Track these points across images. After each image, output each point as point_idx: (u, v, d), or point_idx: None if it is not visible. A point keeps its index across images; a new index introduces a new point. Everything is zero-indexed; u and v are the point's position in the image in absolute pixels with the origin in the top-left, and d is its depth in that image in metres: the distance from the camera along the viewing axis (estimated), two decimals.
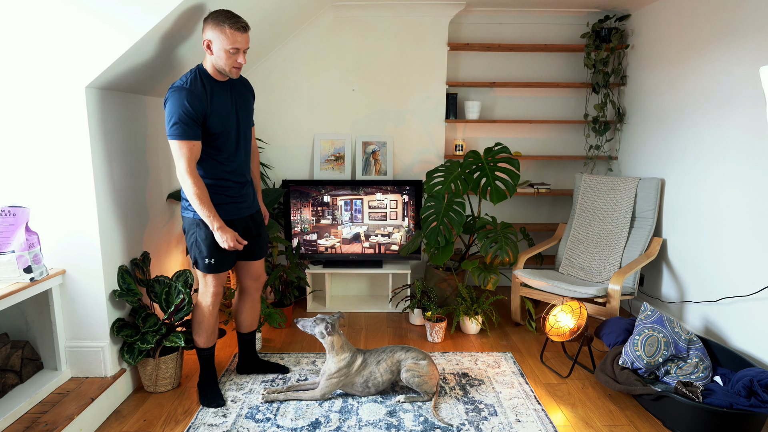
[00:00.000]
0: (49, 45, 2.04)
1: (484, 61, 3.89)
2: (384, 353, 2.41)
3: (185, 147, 2.06)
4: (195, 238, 2.25)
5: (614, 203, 3.34)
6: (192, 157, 2.08)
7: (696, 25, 2.93)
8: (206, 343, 2.41)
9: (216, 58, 2.07)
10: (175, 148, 2.06)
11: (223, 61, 2.07)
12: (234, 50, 2.05)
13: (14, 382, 2.13)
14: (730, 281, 2.68)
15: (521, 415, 2.29)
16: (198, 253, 2.26)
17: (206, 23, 2.04)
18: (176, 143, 2.05)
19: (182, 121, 2.03)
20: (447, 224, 3.23)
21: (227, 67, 2.09)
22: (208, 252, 2.24)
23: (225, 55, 2.06)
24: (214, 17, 2.03)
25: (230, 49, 2.04)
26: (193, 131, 2.06)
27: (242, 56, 2.09)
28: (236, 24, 2.02)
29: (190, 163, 2.08)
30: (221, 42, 2.03)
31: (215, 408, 2.34)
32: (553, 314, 2.77)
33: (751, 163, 2.54)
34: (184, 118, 2.03)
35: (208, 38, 2.05)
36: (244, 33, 2.05)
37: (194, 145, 2.08)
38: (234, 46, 2.04)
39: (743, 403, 2.08)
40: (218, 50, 2.05)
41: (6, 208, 2.03)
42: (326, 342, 2.36)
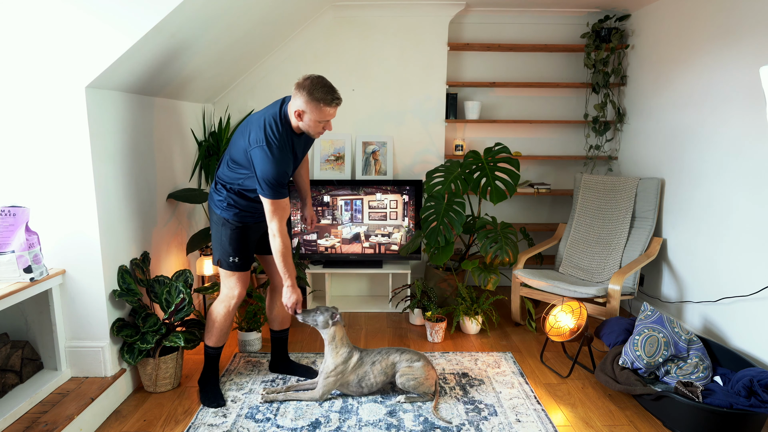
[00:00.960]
0: (49, 45, 2.04)
1: (484, 61, 3.89)
2: (379, 354, 2.40)
3: (278, 206, 2.14)
4: (220, 237, 2.30)
5: (614, 203, 3.34)
6: (284, 216, 2.18)
7: (696, 25, 2.93)
8: (217, 342, 2.43)
9: (304, 125, 2.14)
10: (268, 207, 2.14)
11: (311, 129, 2.15)
12: (325, 122, 2.14)
13: (14, 382, 2.13)
14: (730, 281, 2.68)
15: (521, 415, 2.29)
16: (223, 252, 2.30)
17: (299, 92, 2.07)
18: (269, 203, 2.13)
19: (278, 183, 2.10)
20: (447, 224, 3.23)
21: (313, 134, 2.18)
22: (233, 251, 2.29)
23: (314, 125, 2.13)
24: (310, 91, 2.05)
25: (321, 121, 2.13)
26: (284, 191, 2.16)
27: (329, 125, 2.18)
28: (333, 102, 2.08)
29: (282, 222, 2.17)
30: (314, 116, 2.10)
31: (215, 408, 2.34)
32: (553, 314, 2.77)
33: (751, 162, 2.54)
34: (280, 182, 2.11)
35: (301, 109, 2.09)
36: (336, 107, 2.12)
37: (286, 203, 2.18)
38: (326, 119, 2.13)
39: (743, 403, 2.08)
40: (309, 121, 2.12)
41: (6, 208, 2.03)
42: (328, 333, 2.35)
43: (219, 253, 2.33)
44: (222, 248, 2.31)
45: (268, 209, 2.14)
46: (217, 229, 2.31)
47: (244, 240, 2.32)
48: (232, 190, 2.28)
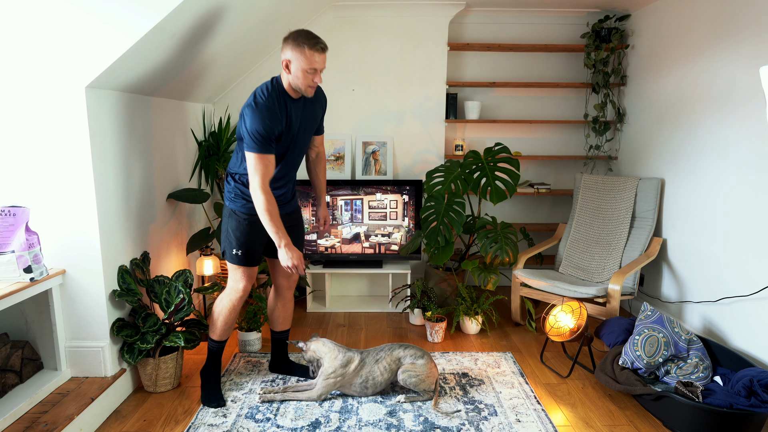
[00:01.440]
0: (49, 45, 2.04)
1: (484, 61, 3.89)
2: (382, 352, 2.41)
3: (261, 162, 2.10)
4: (227, 228, 2.31)
5: (614, 203, 3.34)
6: (267, 173, 2.13)
7: (696, 25, 2.93)
8: (220, 336, 2.41)
9: (293, 77, 2.12)
10: (252, 161, 2.11)
11: (300, 80, 2.11)
12: (311, 71, 2.09)
13: (14, 382, 2.13)
14: (730, 281, 2.68)
15: (521, 415, 2.29)
16: (227, 244, 2.31)
17: (285, 43, 2.10)
18: (252, 156, 2.10)
19: (262, 137, 2.08)
20: (447, 224, 3.23)
21: (303, 87, 2.14)
22: (237, 243, 2.29)
23: (302, 75, 2.10)
24: (294, 38, 2.08)
25: (308, 70, 2.08)
26: (269, 147, 2.12)
27: (318, 76, 2.13)
28: (316, 45, 2.07)
29: (264, 179, 2.12)
30: (300, 62, 2.07)
31: (215, 408, 2.34)
32: (553, 314, 2.77)
33: (751, 163, 2.54)
34: (264, 135, 2.08)
35: (287, 58, 2.09)
36: (322, 53, 2.09)
37: (270, 160, 2.13)
38: (312, 67, 2.08)
39: (743, 403, 2.08)
40: (296, 70, 2.09)
41: (6, 208, 2.03)
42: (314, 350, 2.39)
43: (224, 244, 2.33)
44: (227, 239, 2.31)
45: (251, 164, 2.11)
46: (225, 221, 2.32)
47: (250, 234, 2.29)
48: (240, 181, 2.27)
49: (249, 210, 2.27)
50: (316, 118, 2.37)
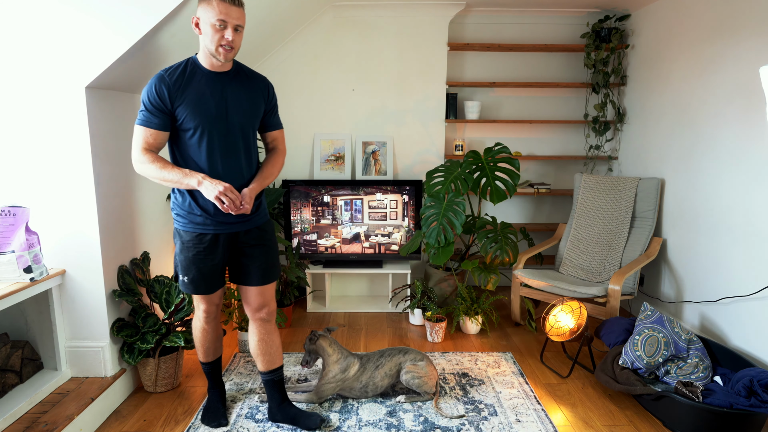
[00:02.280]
0: (49, 45, 2.04)
1: (484, 61, 3.89)
2: (382, 358, 2.40)
3: (141, 134, 1.83)
4: (175, 251, 2.02)
5: (614, 203, 3.34)
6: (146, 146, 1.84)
7: (696, 25, 2.93)
8: (203, 358, 2.22)
9: (203, 37, 1.80)
10: (134, 135, 1.85)
11: (209, 38, 1.77)
12: (220, 23, 1.74)
13: (14, 382, 2.13)
14: (730, 281, 2.68)
15: (521, 415, 2.29)
16: (175, 268, 2.04)
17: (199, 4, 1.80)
18: (135, 129, 1.84)
19: (145, 106, 1.82)
20: (447, 224, 3.23)
21: (214, 46, 1.78)
22: (182, 268, 1.99)
23: (212, 31, 1.76)
24: None
25: (216, 23, 1.74)
26: (155, 119, 1.82)
27: (231, 32, 1.77)
28: None
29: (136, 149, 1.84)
30: (207, 15, 1.75)
31: (216, 427, 2.17)
32: (553, 314, 2.77)
33: (750, 162, 2.54)
34: (147, 104, 1.82)
35: (197, 15, 1.79)
36: (232, 5, 1.75)
37: (151, 133, 1.83)
38: (219, 18, 1.73)
39: (743, 403, 2.08)
40: (204, 26, 1.77)
41: (6, 208, 2.03)
42: (318, 349, 2.36)
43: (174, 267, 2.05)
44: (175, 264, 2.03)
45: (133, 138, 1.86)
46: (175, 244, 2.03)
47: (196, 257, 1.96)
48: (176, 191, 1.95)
49: (192, 227, 1.93)
50: (253, 106, 1.97)
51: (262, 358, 2.14)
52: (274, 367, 2.16)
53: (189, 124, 1.85)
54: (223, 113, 1.89)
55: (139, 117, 1.83)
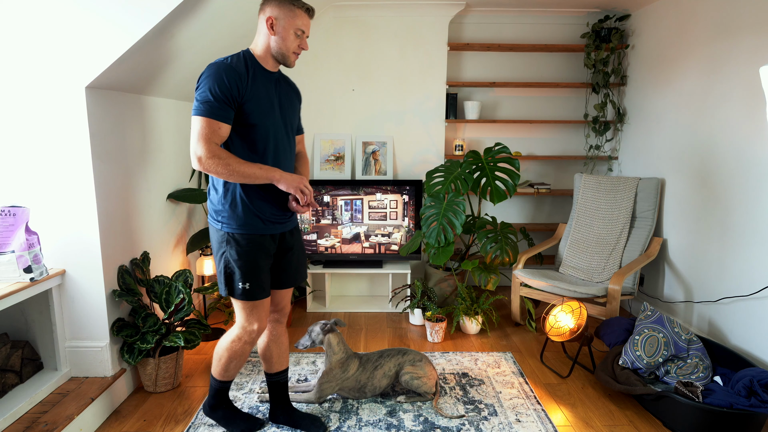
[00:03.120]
0: (49, 45, 2.04)
1: (484, 61, 3.89)
2: (382, 358, 2.40)
3: (208, 126, 1.71)
4: (226, 258, 1.87)
5: (614, 203, 3.34)
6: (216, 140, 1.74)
7: (696, 25, 2.93)
8: (230, 376, 2.06)
9: (279, 38, 1.80)
10: (196, 127, 1.71)
11: (286, 43, 1.81)
12: (301, 32, 1.82)
13: (14, 382, 2.13)
14: (730, 281, 2.68)
15: (521, 415, 2.29)
16: (229, 277, 1.88)
17: (269, 2, 1.80)
18: (199, 121, 1.71)
19: (214, 97, 1.71)
20: (447, 224, 3.23)
21: (289, 51, 1.83)
22: (242, 274, 1.86)
23: (291, 37, 1.81)
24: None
25: (297, 30, 1.81)
26: (223, 111, 1.73)
27: (305, 41, 1.87)
28: (306, 6, 1.82)
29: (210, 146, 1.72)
30: (289, 21, 1.79)
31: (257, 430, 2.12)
32: (553, 314, 2.77)
33: (750, 162, 2.54)
34: (216, 94, 1.71)
35: (273, 15, 1.78)
36: (310, 18, 1.85)
37: (220, 127, 1.73)
38: (301, 28, 1.81)
39: (743, 403, 2.08)
40: (283, 30, 1.79)
41: (6, 208, 2.03)
42: (325, 343, 2.35)
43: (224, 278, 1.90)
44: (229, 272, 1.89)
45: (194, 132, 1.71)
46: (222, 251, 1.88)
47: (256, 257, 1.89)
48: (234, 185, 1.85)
49: (249, 229, 1.87)
50: (294, 108, 2.00)
51: (277, 357, 2.13)
52: (282, 368, 2.16)
53: (254, 121, 1.81)
54: (278, 113, 1.90)
55: (203, 109, 1.71)
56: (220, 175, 1.75)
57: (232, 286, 1.89)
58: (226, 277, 1.89)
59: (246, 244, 1.86)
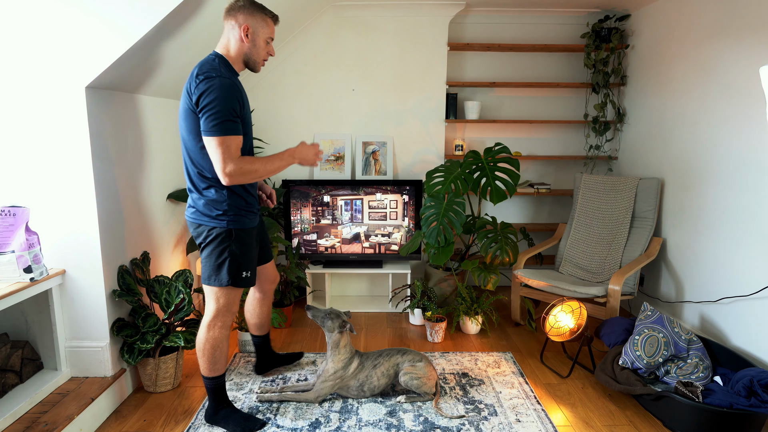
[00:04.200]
0: (49, 45, 2.04)
1: (484, 61, 3.89)
2: (381, 357, 2.40)
3: (232, 144, 1.84)
4: (229, 252, 2.00)
5: (614, 203, 3.34)
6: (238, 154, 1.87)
7: (696, 25, 2.93)
8: (219, 370, 2.14)
9: (251, 46, 1.96)
10: (221, 147, 1.82)
11: (259, 50, 1.99)
12: (270, 40, 2.01)
13: (14, 382, 2.13)
14: (730, 281, 2.68)
15: (521, 415, 2.29)
16: (233, 268, 2.02)
17: (241, 10, 1.92)
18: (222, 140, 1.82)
19: (230, 114, 1.83)
20: (447, 224, 3.23)
21: (260, 58, 2.01)
22: (245, 264, 2.05)
23: (263, 44, 1.99)
24: (250, 5, 1.94)
25: (268, 38, 2.00)
26: (238, 126, 1.87)
27: (272, 48, 2.06)
28: (273, 15, 2.00)
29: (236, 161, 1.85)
30: (262, 30, 1.96)
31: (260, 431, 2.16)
32: (553, 314, 2.77)
33: (750, 162, 2.54)
34: (231, 111, 1.84)
35: (247, 24, 1.92)
36: (276, 24, 2.05)
37: (240, 140, 1.88)
38: (271, 35, 2.01)
39: (743, 403, 2.08)
40: (257, 38, 1.96)
41: (6, 208, 2.03)
42: (332, 338, 2.34)
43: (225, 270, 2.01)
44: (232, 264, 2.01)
45: (220, 150, 1.81)
46: (223, 246, 2.00)
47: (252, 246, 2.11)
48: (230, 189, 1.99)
49: (246, 222, 2.05)
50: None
51: (267, 321, 2.56)
52: (267, 330, 2.61)
53: (246, 129, 1.99)
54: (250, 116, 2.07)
55: (229, 127, 1.83)
56: (253, 180, 1.93)
57: (236, 275, 2.04)
58: (230, 269, 2.02)
59: (246, 238, 2.07)
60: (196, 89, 1.84)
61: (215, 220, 1.99)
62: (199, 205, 1.99)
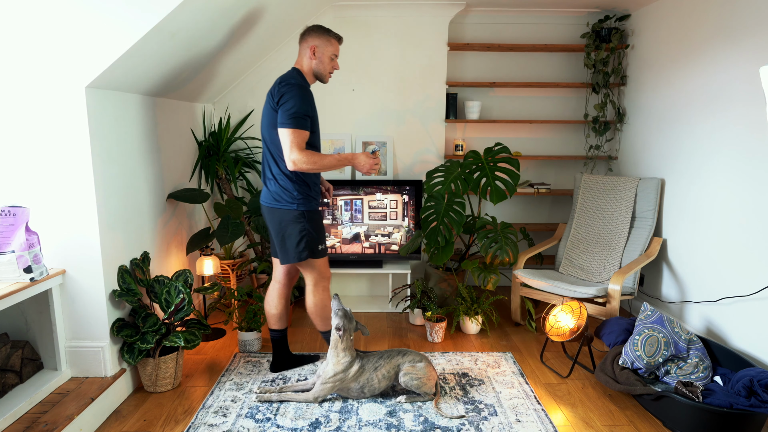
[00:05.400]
0: (49, 45, 2.04)
1: (484, 61, 3.89)
2: (381, 359, 2.39)
3: (299, 136, 2.25)
4: (306, 231, 2.40)
5: (614, 203, 3.34)
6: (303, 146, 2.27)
7: (696, 25, 2.93)
8: (328, 325, 2.57)
9: (318, 63, 2.38)
10: (291, 137, 2.23)
11: (324, 66, 2.39)
12: (335, 56, 2.40)
13: (14, 382, 2.13)
14: (730, 281, 2.68)
15: (521, 415, 2.29)
16: (311, 243, 2.42)
17: (311, 32, 2.36)
18: (292, 132, 2.23)
19: (301, 112, 2.24)
20: (447, 224, 3.23)
21: (326, 72, 2.41)
22: (319, 239, 2.46)
23: (328, 61, 2.39)
24: (317, 28, 2.37)
25: (332, 55, 2.39)
26: (306, 123, 2.28)
27: (337, 63, 2.45)
28: (337, 36, 2.40)
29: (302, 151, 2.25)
30: (327, 48, 2.37)
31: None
32: (553, 314, 2.77)
33: (750, 162, 2.54)
34: (302, 110, 2.25)
35: (314, 44, 2.35)
36: (341, 44, 2.44)
37: (306, 135, 2.29)
38: (335, 53, 2.40)
39: (743, 403, 2.08)
40: (322, 55, 2.37)
41: (6, 208, 2.03)
42: (334, 337, 2.34)
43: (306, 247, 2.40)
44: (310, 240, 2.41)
45: (288, 140, 2.23)
46: (299, 228, 2.38)
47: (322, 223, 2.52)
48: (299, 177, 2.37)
49: (315, 204, 2.46)
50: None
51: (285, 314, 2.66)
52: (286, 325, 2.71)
53: (314, 128, 2.38)
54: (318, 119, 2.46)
55: (300, 123, 2.24)
56: (311, 170, 2.29)
57: (314, 249, 2.44)
58: (308, 245, 2.41)
59: (317, 217, 2.47)
60: (278, 92, 2.28)
61: (290, 204, 2.37)
62: (276, 191, 2.39)
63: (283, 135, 2.25)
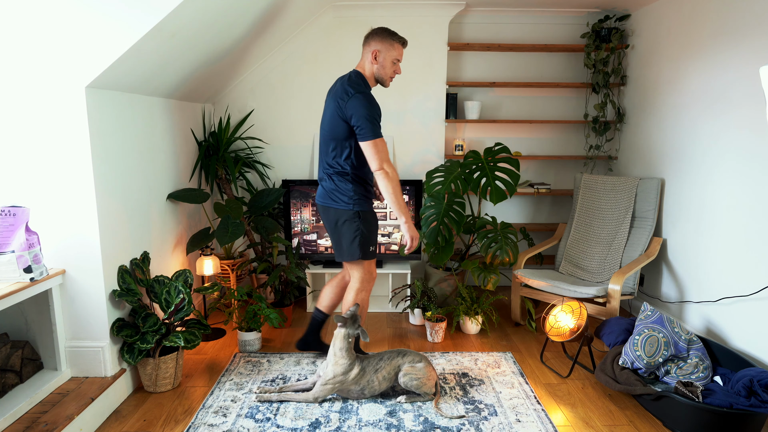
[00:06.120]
0: (49, 45, 2.04)
1: (484, 61, 3.89)
2: (382, 361, 2.39)
3: (381, 143, 2.28)
4: (361, 231, 2.42)
5: (614, 203, 3.34)
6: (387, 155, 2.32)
7: (696, 24, 2.93)
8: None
9: (379, 67, 2.37)
10: (376, 147, 2.26)
11: (386, 70, 2.38)
12: (397, 60, 2.39)
13: (14, 382, 2.13)
14: (730, 281, 2.68)
15: (521, 415, 2.29)
16: (363, 244, 2.44)
17: (373, 36, 2.35)
18: (378, 143, 2.27)
19: (377, 121, 2.28)
20: (447, 224, 3.23)
21: (387, 76, 2.40)
22: (371, 240, 2.48)
23: (389, 65, 2.38)
24: (380, 32, 2.35)
25: (395, 60, 2.38)
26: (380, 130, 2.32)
27: (399, 68, 2.43)
28: (401, 39, 2.37)
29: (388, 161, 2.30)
30: (390, 53, 2.35)
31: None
32: (553, 314, 2.77)
33: (751, 162, 2.54)
34: (377, 118, 2.28)
35: (376, 48, 2.34)
36: (403, 48, 2.41)
37: (384, 142, 2.32)
38: (398, 57, 2.38)
39: (743, 403, 2.08)
40: (384, 60, 2.36)
41: (6, 208, 2.03)
42: (334, 337, 2.34)
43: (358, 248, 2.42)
44: (363, 240, 2.42)
45: (371, 151, 2.26)
46: (353, 226, 2.41)
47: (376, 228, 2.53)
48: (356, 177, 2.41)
49: (369, 204, 2.47)
50: None
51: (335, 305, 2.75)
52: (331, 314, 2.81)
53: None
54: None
55: (377, 132, 2.28)
56: (388, 187, 2.31)
57: (366, 250, 2.46)
58: (362, 244, 2.44)
59: (371, 219, 2.48)
60: (349, 104, 2.27)
61: (346, 204, 2.40)
62: (332, 192, 2.42)
63: (367, 149, 2.28)
